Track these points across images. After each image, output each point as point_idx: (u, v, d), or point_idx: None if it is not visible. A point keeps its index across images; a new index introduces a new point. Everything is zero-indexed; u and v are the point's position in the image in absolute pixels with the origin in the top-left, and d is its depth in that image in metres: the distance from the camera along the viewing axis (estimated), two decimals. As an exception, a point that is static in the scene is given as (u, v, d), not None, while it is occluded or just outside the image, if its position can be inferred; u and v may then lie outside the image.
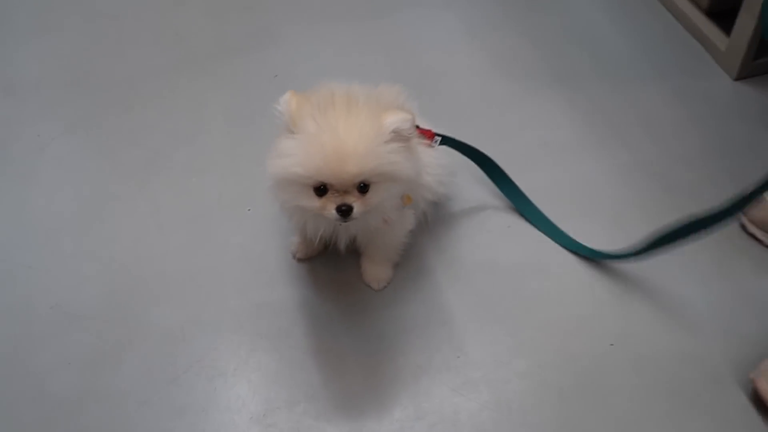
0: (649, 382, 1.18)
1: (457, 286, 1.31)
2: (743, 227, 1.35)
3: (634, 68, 1.70)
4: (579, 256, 1.34)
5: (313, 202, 1.05)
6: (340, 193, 1.03)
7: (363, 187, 1.04)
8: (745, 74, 1.64)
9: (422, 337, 1.25)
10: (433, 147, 1.24)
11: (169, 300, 1.30)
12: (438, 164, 1.24)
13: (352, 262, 1.33)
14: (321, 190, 1.04)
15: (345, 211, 1.03)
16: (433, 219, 1.35)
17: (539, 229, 1.38)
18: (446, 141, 1.26)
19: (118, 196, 1.44)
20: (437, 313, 1.27)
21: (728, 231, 1.32)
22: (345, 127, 1.00)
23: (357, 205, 1.04)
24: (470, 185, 1.45)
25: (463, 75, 1.69)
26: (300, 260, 1.34)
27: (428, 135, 1.23)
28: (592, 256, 1.33)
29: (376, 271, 1.31)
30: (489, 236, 1.38)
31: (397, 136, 1.03)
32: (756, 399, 1.13)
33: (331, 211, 1.03)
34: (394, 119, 1.02)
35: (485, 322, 1.27)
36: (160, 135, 1.54)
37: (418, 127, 1.20)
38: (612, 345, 1.22)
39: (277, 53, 1.25)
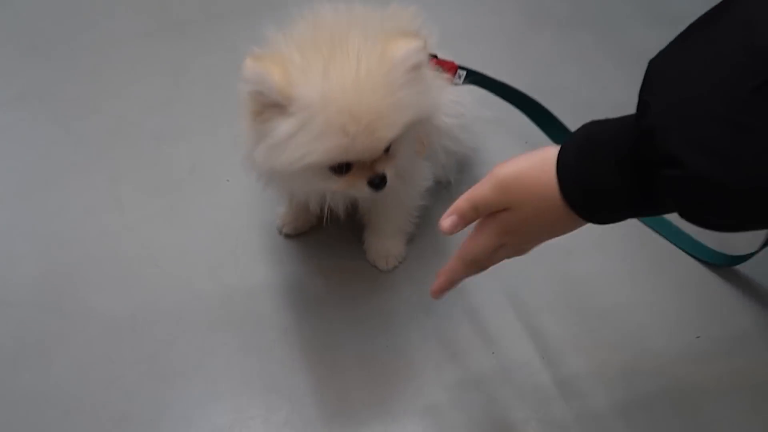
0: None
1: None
2: None
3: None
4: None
5: (334, 183, 0.82)
6: (367, 163, 0.80)
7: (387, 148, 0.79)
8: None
9: (442, 328, 0.96)
10: (456, 84, 0.97)
11: (120, 284, 1.02)
12: (460, 104, 0.97)
13: (351, 237, 1.05)
14: (343, 168, 0.80)
15: (379, 183, 0.81)
16: (455, 177, 1.07)
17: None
18: (473, 76, 0.99)
19: (70, 166, 1.18)
20: (462, 299, 0.98)
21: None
22: (360, 80, 0.74)
23: (388, 170, 0.81)
24: (503, 135, 1.18)
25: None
26: (288, 236, 1.06)
27: (450, 68, 0.96)
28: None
29: (384, 246, 1.03)
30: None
31: (412, 69, 0.77)
32: None
33: (363, 188, 0.81)
34: (406, 51, 0.75)
35: (526, 311, 0.97)
36: (128, 102, 1.28)
37: (436, 57, 0.95)
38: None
39: (274, 16, 1.04)
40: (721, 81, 0.48)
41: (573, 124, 0.87)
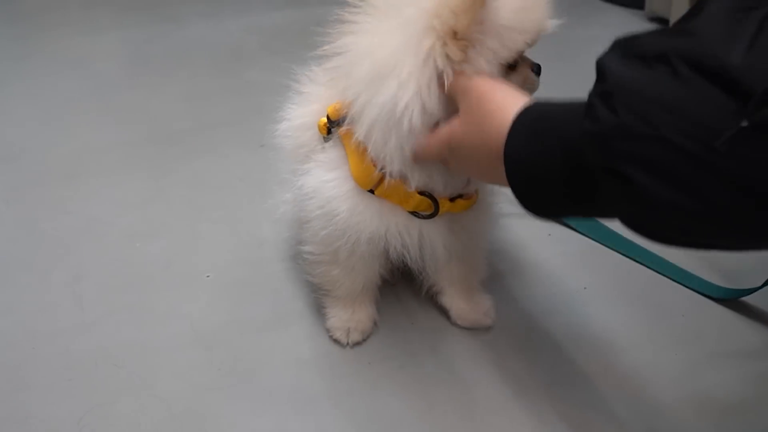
0: None
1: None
2: None
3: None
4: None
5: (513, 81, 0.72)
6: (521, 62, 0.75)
7: None
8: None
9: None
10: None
11: (69, 387, 0.84)
12: None
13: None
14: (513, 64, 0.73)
15: (539, 70, 0.77)
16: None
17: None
18: None
19: (28, 266, 1.03)
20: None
21: None
22: None
23: None
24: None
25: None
26: (357, 344, 0.89)
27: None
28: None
29: (477, 300, 0.91)
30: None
31: None
32: None
33: (531, 76, 0.76)
34: None
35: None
36: (101, 203, 1.16)
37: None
38: None
39: (264, 124, 0.98)
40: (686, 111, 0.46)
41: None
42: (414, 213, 0.78)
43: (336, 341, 0.89)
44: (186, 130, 1.38)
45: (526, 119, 0.61)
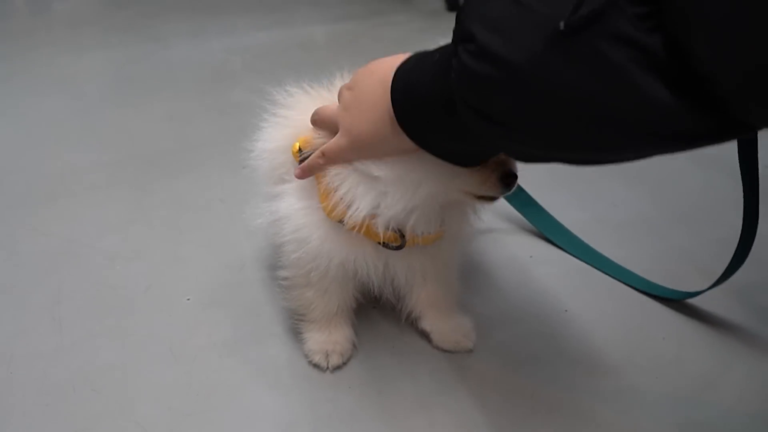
0: None
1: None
2: None
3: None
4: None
5: (465, 180, 0.72)
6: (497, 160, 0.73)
7: None
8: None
9: None
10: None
11: (46, 412, 0.83)
12: None
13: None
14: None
15: (512, 182, 0.74)
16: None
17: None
18: None
19: (8, 288, 1.03)
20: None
21: None
22: None
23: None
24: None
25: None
26: (338, 368, 0.88)
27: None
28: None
29: (458, 323, 0.91)
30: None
31: None
32: None
33: (495, 186, 0.73)
34: None
35: None
36: (82, 225, 1.16)
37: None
38: None
39: (250, 145, 0.99)
40: None
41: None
42: (383, 244, 0.78)
43: (316, 366, 0.88)
44: (168, 151, 1.38)
45: (407, 64, 0.67)
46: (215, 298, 1.00)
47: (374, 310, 0.96)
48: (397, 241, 0.78)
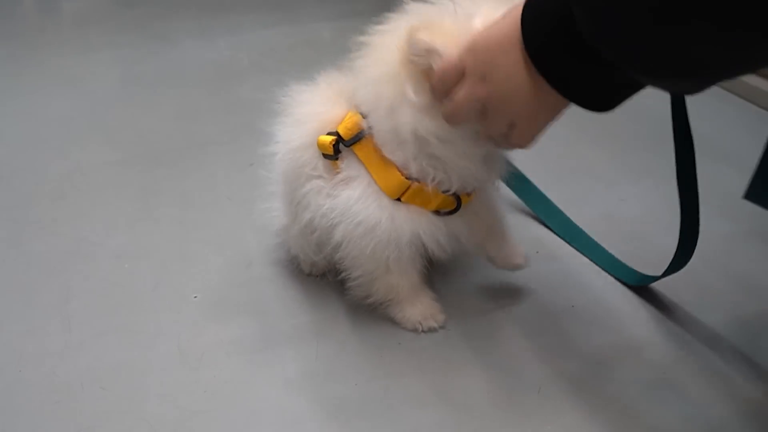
0: None
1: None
2: None
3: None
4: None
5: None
6: None
7: None
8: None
9: None
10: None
11: (55, 410, 0.83)
12: None
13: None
14: None
15: None
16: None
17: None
18: None
19: (16, 286, 1.03)
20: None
21: None
22: None
23: None
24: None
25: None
26: (436, 328, 0.94)
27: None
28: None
29: (511, 246, 0.97)
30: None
31: None
32: None
33: None
34: None
35: None
36: (91, 224, 1.16)
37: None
38: None
39: (254, 143, 0.99)
40: None
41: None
42: (435, 212, 0.84)
43: (430, 329, 0.93)
44: (176, 149, 1.39)
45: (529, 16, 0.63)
46: (222, 296, 1.00)
47: (378, 307, 0.96)
48: (452, 205, 0.84)
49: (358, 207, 0.82)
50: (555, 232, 1.12)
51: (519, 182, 1.14)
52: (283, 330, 0.94)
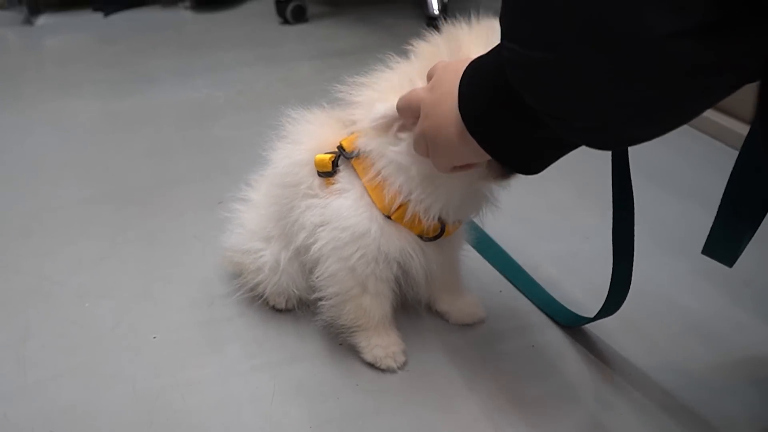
0: None
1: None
2: None
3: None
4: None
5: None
6: None
7: None
8: None
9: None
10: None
11: (3, 454, 0.82)
12: None
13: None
14: None
15: None
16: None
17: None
18: None
19: (-26, 326, 1.03)
20: None
21: None
22: None
23: None
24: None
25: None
26: (395, 369, 0.93)
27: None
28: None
29: (467, 298, 1.02)
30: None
31: None
32: None
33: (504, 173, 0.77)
34: None
35: None
36: (55, 262, 1.16)
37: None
38: None
39: (225, 181, 1.00)
40: None
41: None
42: (419, 236, 0.86)
43: (387, 369, 0.92)
44: (146, 187, 1.39)
45: (470, 69, 0.68)
46: (182, 336, 1.00)
47: (344, 332, 0.95)
48: (437, 231, 0.86)
49: (348, 213, 0.84)
50: (499, 271, 1.13)
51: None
52: (240, 370, 0.93)
